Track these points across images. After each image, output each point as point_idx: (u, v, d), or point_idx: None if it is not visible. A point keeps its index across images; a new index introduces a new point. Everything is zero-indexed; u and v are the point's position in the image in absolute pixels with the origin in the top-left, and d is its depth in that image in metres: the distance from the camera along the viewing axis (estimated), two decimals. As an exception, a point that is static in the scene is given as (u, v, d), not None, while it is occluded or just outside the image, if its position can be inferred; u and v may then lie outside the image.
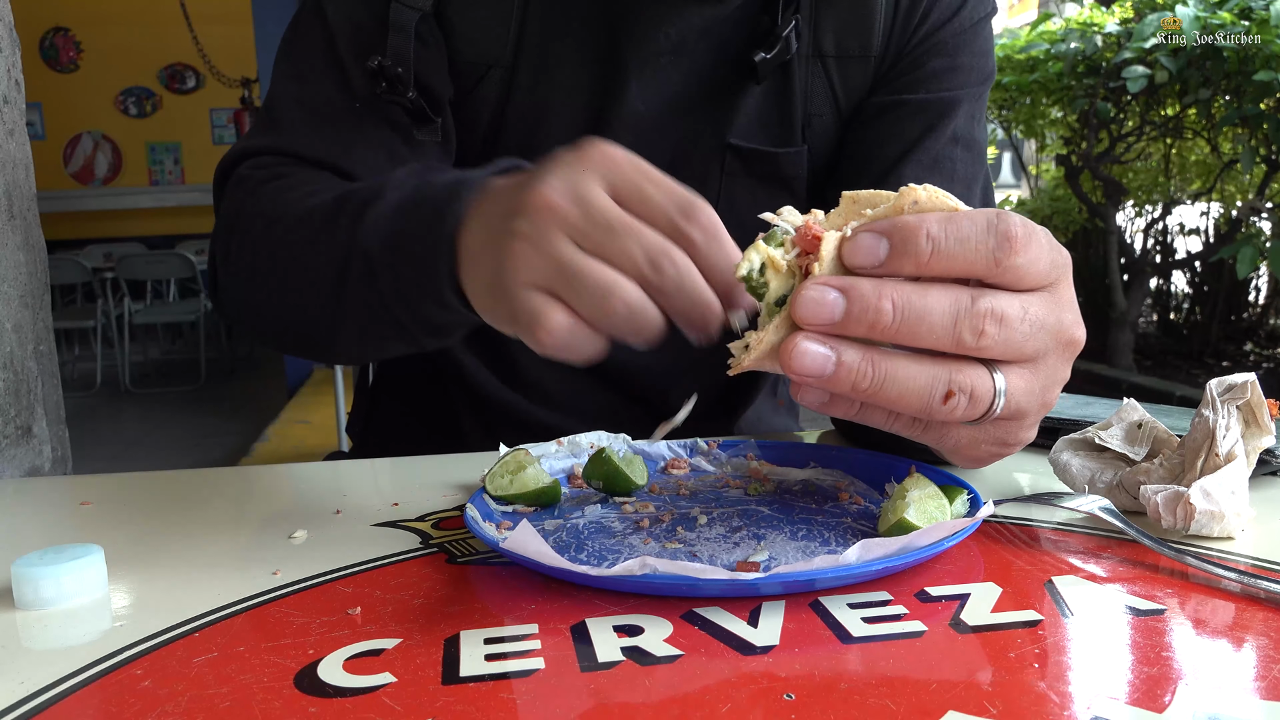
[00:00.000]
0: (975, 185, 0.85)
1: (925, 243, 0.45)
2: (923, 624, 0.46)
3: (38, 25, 7.72)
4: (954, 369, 0.46)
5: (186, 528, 0.64)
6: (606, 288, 0.47)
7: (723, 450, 0.73)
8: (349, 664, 0.43)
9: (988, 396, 0.47)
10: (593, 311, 0.48)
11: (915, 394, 0.46)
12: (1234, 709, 0.38)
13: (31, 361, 0.95)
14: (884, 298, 0.45)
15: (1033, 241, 0.46)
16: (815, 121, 0.85)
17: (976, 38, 0.85)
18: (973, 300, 0.45)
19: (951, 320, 0.45)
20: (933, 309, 0.45)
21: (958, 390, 0.46)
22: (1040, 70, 4.54)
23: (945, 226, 0.45)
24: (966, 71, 0.84)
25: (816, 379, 0.46)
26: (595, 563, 0.53)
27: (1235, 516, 0.56)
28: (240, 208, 0.77)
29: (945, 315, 0.45)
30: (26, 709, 0.41)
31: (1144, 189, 4.91)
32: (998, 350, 0.46)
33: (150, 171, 8.27)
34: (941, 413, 0.47)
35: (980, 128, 0.87)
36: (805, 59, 0.83)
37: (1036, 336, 0.47)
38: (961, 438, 0.51)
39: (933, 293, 0.45)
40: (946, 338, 0.45)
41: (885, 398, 0.46)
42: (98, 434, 4.73)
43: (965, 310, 0.45)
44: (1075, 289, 0.51)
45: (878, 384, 0.46)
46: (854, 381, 0.46)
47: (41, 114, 7.76)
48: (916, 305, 0.45)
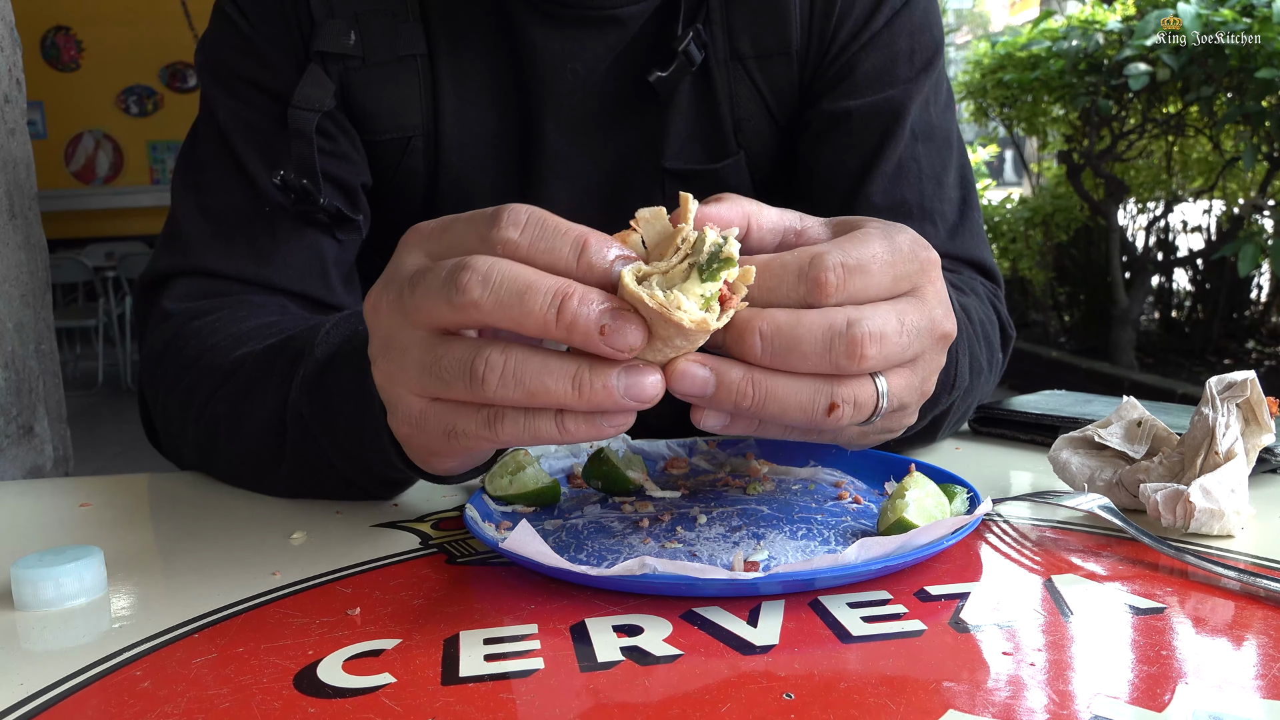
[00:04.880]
0: (946, 177, 0.82)
1: (757, 344, 0.45)
2: (922, 623, 0.46)
3: (39, 24, 7.71)
4: (835, 382, 0.47)
5: (186, 529, 0.64)
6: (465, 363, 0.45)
7: (722, 449, 0.73)
8: (348, 664, 0.43)
9: (871, 401, 0.48)
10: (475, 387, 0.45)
11: (798, 408, 0.46)
12: (1234, 708, 0.38)
13: (33, 360, 0.95)
14: (752, 331, 0.45)
15: (854, 275, 0.46)
16: (746, 125, 0.83)
17: (910, 19, 0.81)
18: (848, 325, 0.45)
19: (826, 346, 0.45)
20: (804, 340, 0.45)
21: (841, 402, 0.47)
22: (1042, 68, 4.54)
23: (763, 278, 0.46)
24: (907, 59, 0.81)
25: (700, 399, 0.46)
26: (595, 563, 0.53)
27: (1235, 515, 0.56)
28: (165, 351, 0.75)
29: (819, 342, 0.45)
30: (26, 710, 0.41)
31: (1146, 186, 4.91)
32: (879, 365, 0.47)
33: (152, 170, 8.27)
34: (828, 423, 0.47)
35: (939, 108, 0.83)
36: (724, 64, 0.81)
37: (915, 342, 0.48)
38: (851, 435, 0.53)
39: (804, 322, 0.45)
40: (825, 365, 0.46)
41: (770, 413, 0.46)
42: (99, 433, 4.73)
43: (839, 335, 0.45)
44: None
45: (759, 401, 0.46)
46: (735, 400, 0.46)
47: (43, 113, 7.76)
48: (786, 334, 0.45)
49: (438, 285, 0.44)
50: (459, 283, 0.43)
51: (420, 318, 0.46)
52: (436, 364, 0.45)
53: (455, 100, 0.80)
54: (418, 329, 0.46)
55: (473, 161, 0.82)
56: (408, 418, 0.49)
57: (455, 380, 0.45)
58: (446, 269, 0.44)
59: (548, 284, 0.43)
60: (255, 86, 0.78)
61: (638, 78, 0.80)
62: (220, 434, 0.69)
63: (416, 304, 0.45)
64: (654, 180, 0.82)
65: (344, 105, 0.79)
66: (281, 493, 0.68)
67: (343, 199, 0.79)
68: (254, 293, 0.77)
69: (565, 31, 0.79)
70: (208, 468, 0.74)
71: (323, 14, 0.77)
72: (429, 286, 0.44)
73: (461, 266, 0.43)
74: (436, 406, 0.47)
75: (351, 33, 0.78)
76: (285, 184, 0.75)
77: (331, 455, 0.61)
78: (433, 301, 0.44)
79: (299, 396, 0.61)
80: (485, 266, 0.43)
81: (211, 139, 0.80)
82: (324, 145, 0.77)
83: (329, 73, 0.77)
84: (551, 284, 0.43)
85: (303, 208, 0.76)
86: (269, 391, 0.64)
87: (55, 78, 7.90)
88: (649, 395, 0.45)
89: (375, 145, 0.81)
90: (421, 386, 0.47)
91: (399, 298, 0.46)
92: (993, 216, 5.40)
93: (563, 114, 0.81)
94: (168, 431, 0.77)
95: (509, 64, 0.80)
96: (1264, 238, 4.01)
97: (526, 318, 0.43)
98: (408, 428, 0.50)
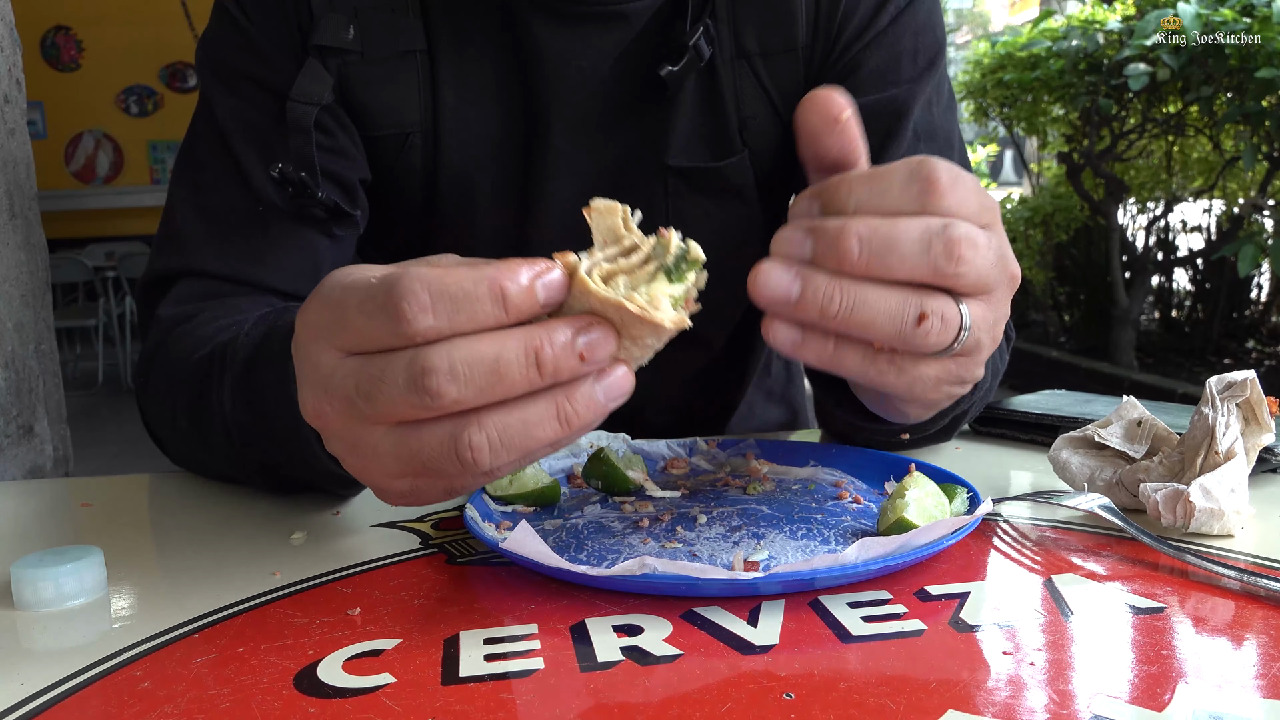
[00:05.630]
0: None
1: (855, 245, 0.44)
2: (922, 623, 0.46)
3: (39, 24, 7.71)
4: (923, 294, 0.46)
5: (186, 529, 0.64)
6: (442, 443, 0.43)
7: (722, 449, 0.73)
8: (349, 664, 0.43)
9: (955, 320, 0.46)
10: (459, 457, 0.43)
11: (888, 317, 0.45)
12: (1234, 707, 0.38)
13: (33, 360, 0.95)
14: (850, 234, 0.44)
15: (959, 184, 0.46)
16: (751, 124, 0.82)
17: (914, 19, 0.81)
18: (944, 227, 0.45)
19: (924, 247, 0.44)
20: (902, 240, 0.44)
21: (930, 313, 0.45)
22: (1042, 68, 4.54)
23: (870, 185, 0.45)
24: (910, 59, 0.80)
25: (783, 302, 0.44)
26: (595, 563, 0.53)
27: (1235, 514, 0.56)
28: (153, 357, 0.76)
29: (917, 243, 0.44)
30: (26, 710, 0.41)
31: (1146, 186, 4.91)
32: (971, 276, 0.46)
33: (152, 170, 8.26)
34: (917, 337, 0.45)
35: (941, 109, 0.83)
36: (730, 61, 0.81)
37: (997, 266, 0.47)
38: (928, 377, 0.49)
39: (901, 224, 0.45)
40: (922, 265, 0.44)
41: (856, 323, 0.45)
42: (99, 433, 4.73)
43: (938, 235, 0.44)
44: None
45: (847, 308, 0.44)
46: (822, 305, 0.44)
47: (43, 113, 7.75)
48: (884, 235, 0.44)
49: (401, 392, 0.41)
50: (428, 388, 0.40)
51: (386, 420, 0.43)
52: (417, 455, 0.43)
53: (455, 97, 0.80)
54: (380, 426, 0.44)
55: (473, 159, 0.82)
56: (401, 496, 0.47)
57: (443, 464, 0.43)
58: (401, 375, 0.41)
59: (512, 350, 0.41)
60: (255, 83, 0.78)
61: (643, 75, 0.80)
62: (192, 442, 0.70)
63: (380, 412, 0.42)
64: (657, 178, 0.82)
65: (342, 100, 0.79)
66: (263, 490, 0.68)
67: (341, 194, 0.79)
68: (246, 293, 0.77)
69: (570, 28, 0.79)
70: (198, 470, 0.75)
71: (322, 8, 0.77)
72: (390, 397, 0.41)
73: (422, 371, 0.40)
74: (426, 479, 0.45)
75: (351, 27, 0.77)
76: (283, 177, 0.75)
77: (280, 459, 0.61)
78: (400, 408, 0.42)
79: (231, 405, 0.61)
80: (445, 364, 0.40)
81: (210, 137, 0.80)
82: (322, 140, 0.77)
83: (327, 67, 0.77)
84: (516, 346, 0.41)
85: (300, 202, 0.76)
86: (211, 399, 0.64)
87: (55, 78, 7.89)
88: (626, 389, 0.44)
89: (373, 141, 0.81)
90: (405, 471, 0.45)
91: (349, 406, 0.43)
92: (993, 216, 5.39)
93: (567, 112, 0.81)
94: (159, 436, 0.78)
95: (512, 61, 0.80)
96: (1264, 237, 4.01)
97: (509, 390, 0.41)
98: (403, 500, 0.48)
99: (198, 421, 0.67)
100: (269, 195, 0.77)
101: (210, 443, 0.67)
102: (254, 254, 0.77)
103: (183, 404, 0.69)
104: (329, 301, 0.44)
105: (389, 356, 0.42)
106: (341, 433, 0.45)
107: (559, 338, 0.41)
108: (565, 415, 0.43)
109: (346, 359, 0.43)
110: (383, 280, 0.42)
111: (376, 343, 0.42)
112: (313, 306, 0.45)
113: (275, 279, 0.77)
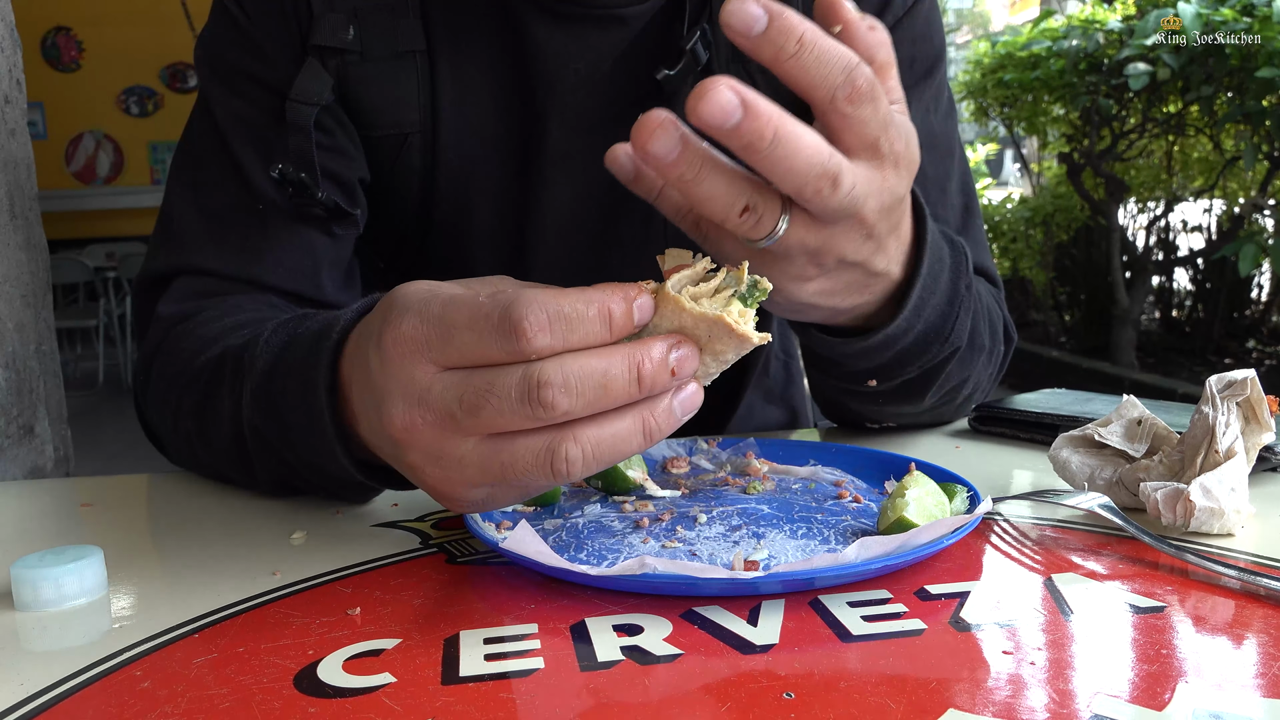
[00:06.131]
0: (948, 184, 0.82)
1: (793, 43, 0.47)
2: (922, 622, 0.46)
3: (39, 25, 7.71)
4: (759, 191, 0.49)
5: (186, 529, 0.64)
6: (536, 458, 0.45)
7: (722, 449, 0.73)
8: (349, 664, 0.43)
9: (772, 222, 0.50)
10: (537, 474, 0.46)
11: (719, 202, 0.48)
12: (1234, 706, 0.38)
13: (34, 361, 0.95)
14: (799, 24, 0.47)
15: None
16: None
17: (913, 26, 0.81)
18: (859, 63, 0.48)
19: (843, 70, 0.47)
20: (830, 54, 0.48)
21: (753, 208, 0.49)
22: (1042, 67, 4.54)
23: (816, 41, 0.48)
24: (908, 66, 0.80)
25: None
26: (595, 562, 0.53)
27: (1235, 513, 0.56)
28: (152, 357, 0.75)
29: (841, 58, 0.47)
30: (26, 710, 0.41)
31: (1146, 186, 4.90)
32: (868, 114, 0.48)
33: (152, 170, 8.26)
34: (740, 224, 0.49)
35: (940, 116, 0.83)
36: (727, 66, 0.80)
37: (894, 123, 0.50)
38: (792, 241, 0.52)
39: None
40: (838, 73, 0.48)
41: (696, 194, 0.48)
42: (100, 433, 4.73)
43: (854, 65, 0.47)
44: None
45: (699, 175, 0.47)
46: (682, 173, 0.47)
47: (43, 113, 7.75)
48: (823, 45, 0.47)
49: (512, 404, 0.43)
50: (544, 400, 0.43)
51: (484, 432, 0.45)
52: (508, 467, 0.45)
53: (454, 98, 0.80)
54: (472, 437, 0.46)
55: (471, 160, 0.82)
56: (472, 504, 0.50)
57: (533, 475, 0.45)
58: (514, 389, 0.43)
59: (618, 366, 0.44)
60: (253, 81, 0.78)
61: (641, 78, 0.80)
62: (195, 443, 0.70)
63: (482, 423, 0.45)
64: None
65: (341, 100, 0.79)
66: (267, 493, 0.68)
67: (340, 193, 0.79)
68: (244, 291, 0.77)
69: (568, 30, 0.79)
70: (197, 470, 0.75)
71: (322, 8, 0.77)
72: (498, 409, 0.44)
73: (538, 384, 0.43)
74: (503, 487, 0.48)
75: (350, 27, 0.78)
76: (283, 177, 0.75)
77: (295, 465, 0.61)
78: (508, 419, 0.44)
79: (250, 411, 0.61)
80: (560, 378, 0.43)
81: (208, 135, 0.80)
82: (321, 140, 0.77)
83: (327, 67, 0.77)
84: (621, 364, 0.44)
85: (299, 202, 0.76)
86: (222, 402, 0.64)
87: (55, 78, 7.89)
88: (698, 403, 0.47)
89: (372, 141, 0.81)
90: (486, 480, 0.47)
91: (447, 418, 0.45)
92: (993, 216, 5.40)
93: (565, 113, 0.81)
94: (158, 437, 0.78)
95: (511, 62, 0.80)
96: (1264, 237, 4.01)
97: (611, 403, 0.44)
98: (472, 507, 0.51)
99: (203, 423, 0.67)
100: (268, 194, 0.77)
101: (215, 445, 0.67)
102: (253, 252, 0.77)
103: (188, 405, 0.69)
104: (429, 317, 0.45)
105: (497, 370, 0.44)
106: (430, 444, 0.47)
107: (655, 354, 0.44)
108: (649, 429, 0.45)
109: (444, 373, 0.45)
110: (494, 300, 0.44)
111: (485, 358, 0.44)
112: (408, 321, 0.46)
113: (274, 277, 0.77)
